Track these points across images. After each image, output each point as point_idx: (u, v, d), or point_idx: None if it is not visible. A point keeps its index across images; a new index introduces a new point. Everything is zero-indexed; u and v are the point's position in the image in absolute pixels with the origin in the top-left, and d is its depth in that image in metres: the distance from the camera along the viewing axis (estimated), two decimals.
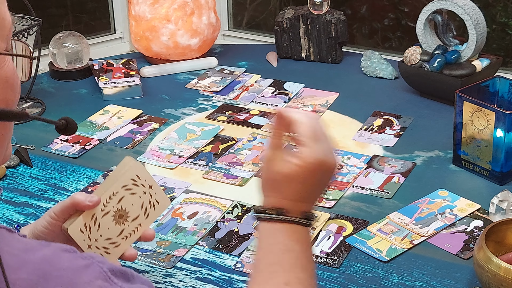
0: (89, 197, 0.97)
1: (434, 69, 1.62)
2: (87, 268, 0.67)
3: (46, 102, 1.70)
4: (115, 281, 0.68)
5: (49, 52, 1.84)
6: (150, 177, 1.03)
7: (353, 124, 1.59)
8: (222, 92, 1.76)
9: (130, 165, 1.01)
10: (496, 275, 0.99)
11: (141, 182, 1.02)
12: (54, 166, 1.44)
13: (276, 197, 0.86)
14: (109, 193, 0.99)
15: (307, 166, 0.84)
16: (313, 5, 1.88)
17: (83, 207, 0.96)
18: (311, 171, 0.84)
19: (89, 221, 0.97)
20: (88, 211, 0.97)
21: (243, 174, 1.40)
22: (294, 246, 0.84)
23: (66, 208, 0.97)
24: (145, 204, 1.03)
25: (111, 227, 1.00)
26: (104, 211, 0.99)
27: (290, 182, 0.85)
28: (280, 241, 0.84)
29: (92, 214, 0.97)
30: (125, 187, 1.01)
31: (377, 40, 2.44)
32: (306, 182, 0.85)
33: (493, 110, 1.30)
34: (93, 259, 0.69)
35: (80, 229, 0.96)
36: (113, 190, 1.00)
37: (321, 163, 0.84)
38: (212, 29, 1.92)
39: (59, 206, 0.97)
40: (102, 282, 0.67)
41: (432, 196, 1.30)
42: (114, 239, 1.01)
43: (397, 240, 1.19)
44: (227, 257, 1.17)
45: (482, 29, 1.61)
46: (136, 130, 1.58)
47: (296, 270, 0.83)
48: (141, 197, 1.02)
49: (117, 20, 2.22)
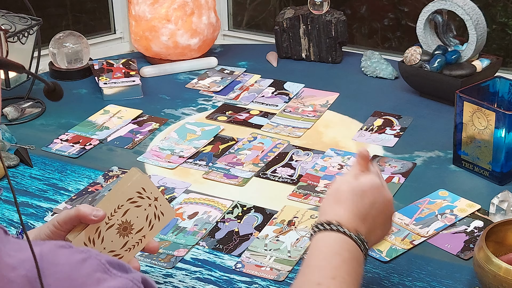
0: (95, 211, 0.96)
1: (434, 69, 1.62)
2: (84, 261, 0.67)
3: (46, 102, 1.70)
4: (114, 272, 0.68)
5: (49, 52, 1.84)
6: (155, 189, 1.02)
7: (353, 124, 1.59)
8: (222, 92, 1.76)
9: (136, 177, 1.00)
10: (496, 276, 0.99)
11: (147, 194, 1.01)
12: (54, 166, 1.44)
13: (333, 212, 0.95)
14: (114, 207, 0.98)
15: (367, 182, 0.96)
16: (313, 5, 1.88)
17: (88, 221, 0.96)
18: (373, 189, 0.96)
19: (93, 234, 0.97)
20: (93, 224, 0.97)
21: (243, 174, 1.40)
22: (343, 252, 0.91)
23: (70, 219, 0.96)
24: (149, 216, 1.02)
25: (114, 239, 0.99)
26: (108, 224, 0.98)
27: (352, 194, 0.95)
28: (331, 245, 0.91)
29: (96, 227, 0.97)
30: (130, 200, 1.00)
31: (377, 40, 2.44)
32: (366, 199, 0.95)
33: (493, 110, 1.30)
34: (90, 253, 0.69)
35: (84, 242, 0.96)
36: (118, 203, 0.99)
37: (380, 187, 0.97)
38: (212, 29, 1.92)
39: (63, 215, 0.96)
40: (101, 274, 0.67)
41: (432, 197, 1.30)
42: (117, 251, 1.00)
43: (397, 241, 1.19)
44: (227, 258, 1.17)
45: (482, 29, 1.61)
46: (136, 130, 1.58)
47: (342, 270, 0.89)
48: (146, 210, 1.01)
49: (117, 20, 2.22)
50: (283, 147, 1.49)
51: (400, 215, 1.25)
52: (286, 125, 1.58)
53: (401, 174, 1.38)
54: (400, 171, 1.39)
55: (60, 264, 0.67)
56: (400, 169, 1.40)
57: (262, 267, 1.14)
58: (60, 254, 0.68)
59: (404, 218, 1.24)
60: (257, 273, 1.12)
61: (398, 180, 1.36)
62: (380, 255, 1.15)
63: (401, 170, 1.40)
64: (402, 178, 1.37)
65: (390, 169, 1.40)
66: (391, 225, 1.00)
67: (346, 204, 0.95)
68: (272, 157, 1.45)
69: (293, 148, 1.49)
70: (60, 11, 2.35)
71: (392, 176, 1.37)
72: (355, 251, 0.92)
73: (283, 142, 1.51)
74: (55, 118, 1.64)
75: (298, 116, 1.62)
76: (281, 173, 1.40)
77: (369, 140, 1.51)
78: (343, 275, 0.88)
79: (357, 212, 0.94)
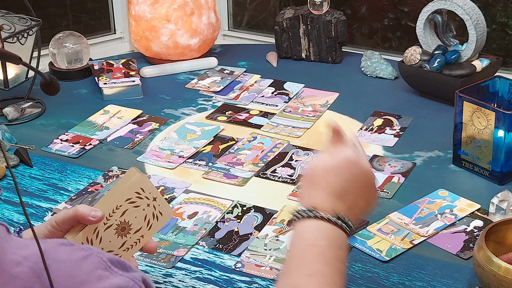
0: (93, 211, 0.95)
1: (434, 69, 1.62)
2: (85, 259, 0.68)
3: (46, 102, 1.70)
4: (114, 270, 0.69)
5: (49, 52, 1.84)
6: (154, 189, 1.02)
7: (353, 124, 1.59)
8: (222, 92, 1.76)
9: (135, 177, 1.00)
10: (496, 275, 0.99)
11: (145, 194, 1.00)
12: (54, 166, 1.44)
13: (309, 196, 0.90)
14: (112, 207, 0.98)
15: (340, 158, 0.92)
16: (313, 5, 1.88)
17: (86, 222, 0.95)
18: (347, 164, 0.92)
19: (91, 234, 0.96)
20: (91, 225, 0.96)
21: (243, 174, 1.40)
22: (319, 241, 0.86)
23: (68, 220, 0.95)
24: (148, 216, 1.01)
25: (113, 240, 0.99)
26: (106, 224, 0.98)
27: (326, 173, 0.91)
28: (306, 237, 0.87)
29: (94, 228, 0.96)
30: (128, 200, 0.99)
31: (377, 40, 2.44)
32: (341, 175, 0.91)
33: (493, 110, 1.30)
34: (91, 250, 0.69)
35: (82, 242, 0.96)
36: (117, 203, 0.98)
37: (354, 160, 0.92)
38: (212, 29, 1.92)
39: (62, 215, 0.96)
40: (102, 271, 0.67)
41: (432, 196, 1.30)
42: (115, 251, 1.00)
43: (397, 240, 1.19)
44: (227, 257, 1.17)
45: (482, 29, 1.61)
46: (136, 130, 1.58)
47: (320, 263, 0.84)
48: (145, 210, 1.01)
49: (117, 20, 2.22)
50: (283, 147, 1.49)
51: (400, 214, 1.25)
52: (286, 125, 1.58)
53: (401, 174, 1.38)
54: (400, 171, 1.39)
55: (62, 261, 0.67)
56: (400, 169, 1.40)
57: (262, 266, 1.14)
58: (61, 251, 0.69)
59: (404, 217, 1.24)
60: (257, 272, 1.12)
61: (398, 180, 1.36)
62: (380, 254, 1.15)
63: (401, 170, 1.40)
64: (402, 178, 1.37)
65: (390, 169, 1.40)
66: (375, 194, 0.96)
67: (321, 185, 0.90)
68: (272, 157, 1.45)
69: (293, 148, 1.49)
70: (60, 11, 2.35)
71: (392, 176, 1.37)
72: (334, 235, 0.88)
73: (283, 142, 1.51)
74: (55, 118, 1.64)
75: (298, 116, 1.62)
76: (281, 173, 1.40)
77: (369, 140, 1.51)
78: (321, 269, 0.84)
79: (333, 191, 0.90)
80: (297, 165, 1.42)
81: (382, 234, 1.20)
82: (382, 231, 1.21)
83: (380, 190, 1.32)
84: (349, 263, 1.14)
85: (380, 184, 1.34)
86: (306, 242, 0.87)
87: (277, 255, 1.16)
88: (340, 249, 0.87)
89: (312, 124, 1.58)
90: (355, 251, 1.17)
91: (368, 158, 0.96)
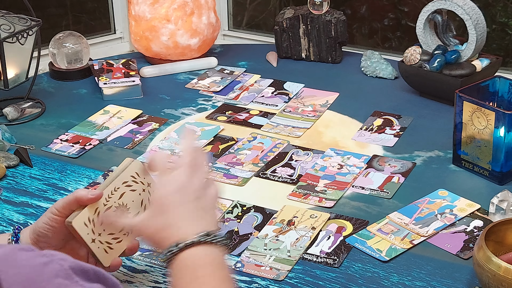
0: (91, 191, 0.98)
1: (434, 69, 1.62)
2: (46, 265, 0.66)
3: (46, 102, 1.70)
4: (75, 279, 0.66)
5: (49, 52, 1.84)
6: (149, 176, 1.05)
7: (353, 124, 1.59)
8: (222, 92, 1.76)
9: (130, 162, 1.04)
10: (496, 275, 0.99)
11: (140, 179, 1.04)
12: (54, 166, 1.44)
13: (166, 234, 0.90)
14: (111, 189, 1.01)
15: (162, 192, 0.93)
16: (313, 5, 1.88)
17: (85, 201, 0.97)
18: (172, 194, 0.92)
19: (92, 215, 0.98)
20: (91, 205, 0.98)
21: (243, 174, 1.40)
22: (198, 272, 0.85)
23: (68, 204, 0.97)
24: (144, 201, 1.04)
25: None
26: (106, 205, 1.00)
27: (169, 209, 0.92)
28: (184, 273, 0.86)
29: (95, 208, 0.99)
30: (125, 184, 1.02)
31: (377, 40, 2.44)
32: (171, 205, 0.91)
33: (493, 110, 1.30)
34: (54, 257, 0.67)
35: (84, 222, 0.97)
36: (114, 185, 1.01)
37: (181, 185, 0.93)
38: (212, 29, 1.92)
39: (61, 202, 0.98)
40: (62, 280, 0.65)
41: (432, 196, 1.30)
42: (116, 234, 1.02)
43: (397, 240, 1.19)
44: (227, 257, 1.16)
45: (482, 29, 1.61)
46: (136, 130, 1.58)
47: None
48: (141, 194, 1.04)
49: (117, 20, 2.22)
50: (283, 147, 1.49)
51: (400, 214, 1.25)
52: (286, 125, 1.58)
53: (400, 174, 1.38)
54: (400, 171, 1.39)
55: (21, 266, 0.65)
56: (399, 169, 1.40)
57: (262, 266, 1.14)
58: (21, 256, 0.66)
59: (403, 217, 1.24)
60: (257, 272, 1.12)
61: (398, 179, 1.36)
62: (379, 254, 1.15)
63: (400, 170, 1.40)
64: (402, 178, 1.37)
65: (390, 169, 1.40)
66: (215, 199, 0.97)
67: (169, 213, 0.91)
68: (272, 157, 1.45)
69: (293, 148, 1.49)
70: (60, 11, 2.35)
71: (391, 176, 1.37)
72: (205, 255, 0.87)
73: (283, 142, 1.51)
74: (55, 118, 1.64)
75: (298, 116, 1.62)
76: (280, 173, 1.40)
77: (369, 140, 1.51)
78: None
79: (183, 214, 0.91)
80: (297, 165, 1.42)
81: (382, 234, 1.20)
82: (382, 231, 1.21)
83: (380, 190, 1.32)
84: (349, 263, 1.14)
85: (380, 184, 1.35)
86: (187, 278, 0.85)
87: (277, 255, 1.16)
88: (222, 269, 0.87)
89: (312, 124, 1.59)
90: (355, 251, 1.17)
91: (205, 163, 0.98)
